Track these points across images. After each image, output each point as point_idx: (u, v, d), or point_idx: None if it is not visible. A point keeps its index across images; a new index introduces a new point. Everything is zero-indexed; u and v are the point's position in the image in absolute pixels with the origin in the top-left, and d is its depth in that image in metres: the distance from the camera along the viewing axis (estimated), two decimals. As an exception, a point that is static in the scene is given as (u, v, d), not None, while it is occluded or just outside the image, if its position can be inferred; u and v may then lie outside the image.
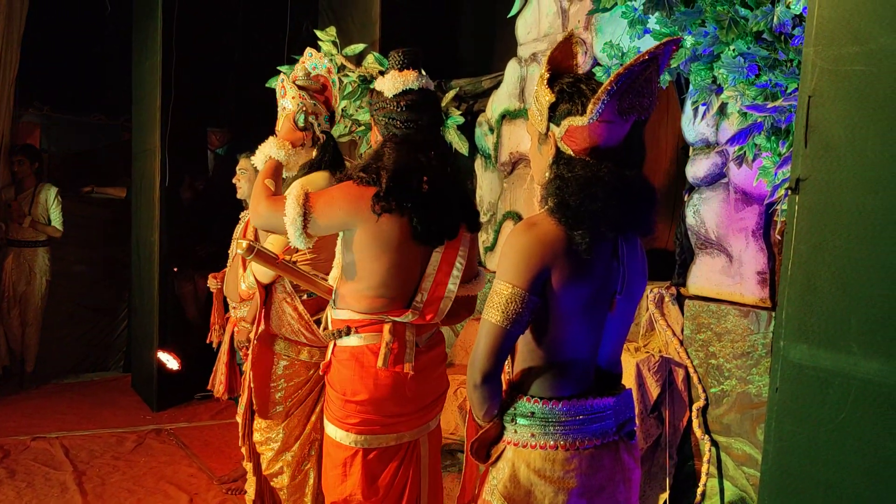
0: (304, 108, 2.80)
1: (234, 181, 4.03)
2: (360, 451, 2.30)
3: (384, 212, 2.19)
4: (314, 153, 2.89)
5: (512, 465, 1.69)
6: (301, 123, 2.77)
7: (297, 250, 2.75)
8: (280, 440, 2.97)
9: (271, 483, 3.07)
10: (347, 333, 2.31)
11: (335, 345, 2.37)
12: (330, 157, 2.89)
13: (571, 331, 1.67)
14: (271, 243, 2.80)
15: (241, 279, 3.21)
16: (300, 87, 2.81)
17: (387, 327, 2.29)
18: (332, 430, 2.35)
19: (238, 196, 4.04)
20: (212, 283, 4.10)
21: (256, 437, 3.01)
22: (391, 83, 2.32)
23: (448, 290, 2.36)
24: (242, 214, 3.96)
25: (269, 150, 2.59)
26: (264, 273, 2.83)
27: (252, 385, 2.93)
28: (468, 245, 2.42)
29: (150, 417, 5.35)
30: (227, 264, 3.95)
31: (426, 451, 2.44)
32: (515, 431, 1.70)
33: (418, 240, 2.25)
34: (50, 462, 4.34)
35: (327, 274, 2.61)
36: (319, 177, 2.77)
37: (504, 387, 1.75)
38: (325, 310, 2.54)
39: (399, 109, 2.29)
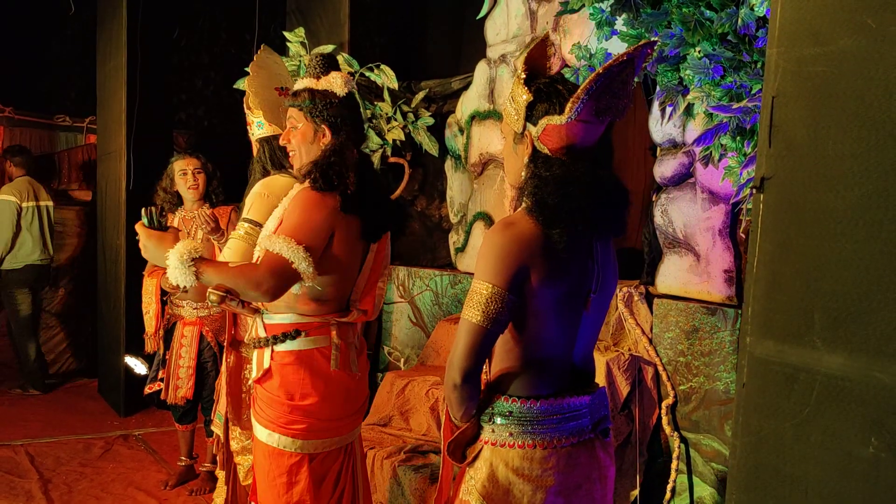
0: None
1: (189, 180, 3.95)
2: (305, 457, 2.28)
3: (352, 210, 2.22)
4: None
5: (490, 465, 1.69)
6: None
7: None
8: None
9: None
10: (293, 337, 2.28)
11: (272, 350, 2.30)
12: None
13: (548, 330, 1.68)
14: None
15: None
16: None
17: (334, 329, 2.30)
18: (274, 438, 2.28)
19: (192, 196, 3.98)
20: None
21: (233, 445, 2.96)
22: (342, 83, 2.31)
23: (379, 287, 2.43)
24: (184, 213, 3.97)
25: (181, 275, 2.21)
26: None
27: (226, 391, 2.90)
28: (387, 241, 2.48)
29: (117, 423, 5.28)
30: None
31: (360, 451, 2.49)
32: (493, 431, 1.70)
33: (366, 237, 2.30)
34: (15, 470, 4.26)
35: None
36: (281, 179, 2.73)
37: (481, 386, 1.75)
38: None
39: (348, 110, 2.32)
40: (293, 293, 2.28)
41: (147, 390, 4.08)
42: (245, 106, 2.92)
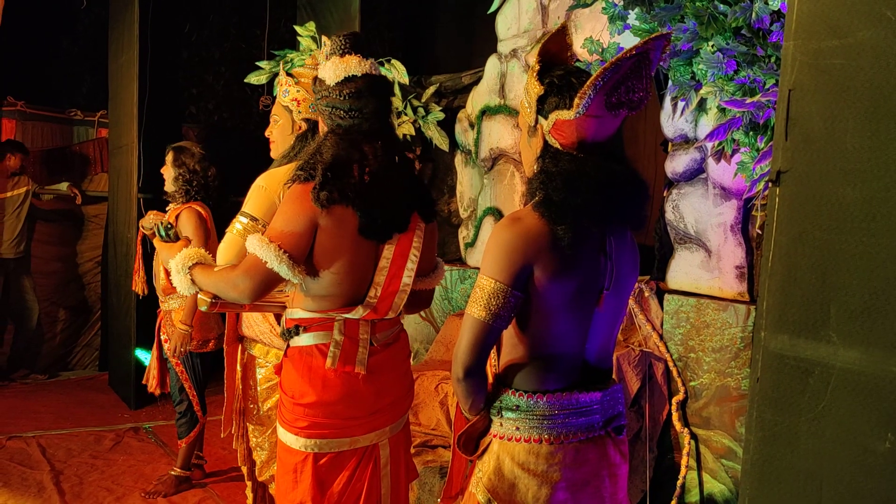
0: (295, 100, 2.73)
1: (161, 171, 3.90)
2: (310, 455, 2.17)
3: (329, 203, 2.05)
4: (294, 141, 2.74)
5: (497, 458, 1.70)
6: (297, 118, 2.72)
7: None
8: (268, 448, 2.92)
9: (269, 490, 3.01)
10: (297, 333, 2.20)
11: (288, 345, 2.26)
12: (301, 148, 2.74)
13: (556, 326, 1.67)
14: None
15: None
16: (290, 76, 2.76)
17: (336, 325, 2.18)
18: (283, 435, 2.22)
19: (165, 188, 3.89)
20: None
21: (252, 440, 2.96)
22: (332, 70, 2.16)
23: (403, 284, 2.23)
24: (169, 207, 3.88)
25: (183, 282, 2.29)
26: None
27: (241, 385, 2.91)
28: (423, 235, 2.27)
29: (128, 415, 5.30)
30: (156, 256, 3.83)
31: (387, 455, 2.29)
32: (501, 424, 1.70)
33: (364, 234, 2.11)
34: (26, 461, 4.28)
35: None
36: (283, 171, 2.59)
37: (490, 380, 1.75)
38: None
39: (342, 98, 2.13)
40: (301, 290, 2.19)
41: None
42: (294, 81, 2.78)
